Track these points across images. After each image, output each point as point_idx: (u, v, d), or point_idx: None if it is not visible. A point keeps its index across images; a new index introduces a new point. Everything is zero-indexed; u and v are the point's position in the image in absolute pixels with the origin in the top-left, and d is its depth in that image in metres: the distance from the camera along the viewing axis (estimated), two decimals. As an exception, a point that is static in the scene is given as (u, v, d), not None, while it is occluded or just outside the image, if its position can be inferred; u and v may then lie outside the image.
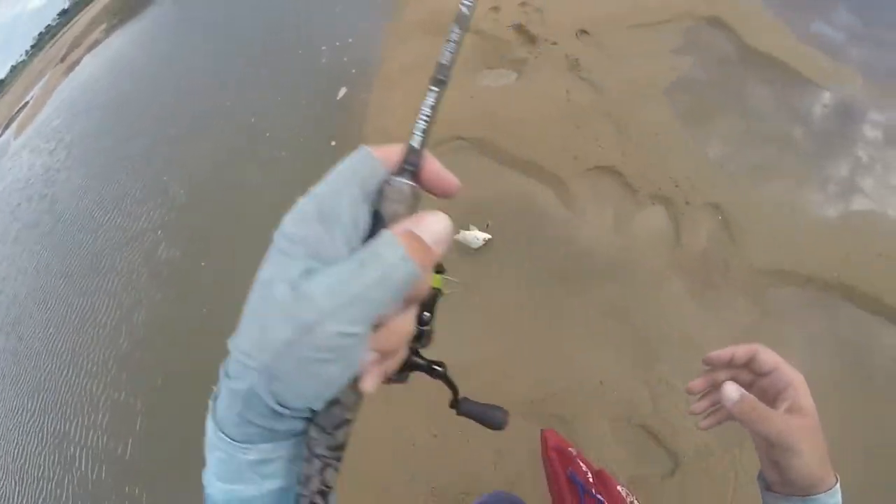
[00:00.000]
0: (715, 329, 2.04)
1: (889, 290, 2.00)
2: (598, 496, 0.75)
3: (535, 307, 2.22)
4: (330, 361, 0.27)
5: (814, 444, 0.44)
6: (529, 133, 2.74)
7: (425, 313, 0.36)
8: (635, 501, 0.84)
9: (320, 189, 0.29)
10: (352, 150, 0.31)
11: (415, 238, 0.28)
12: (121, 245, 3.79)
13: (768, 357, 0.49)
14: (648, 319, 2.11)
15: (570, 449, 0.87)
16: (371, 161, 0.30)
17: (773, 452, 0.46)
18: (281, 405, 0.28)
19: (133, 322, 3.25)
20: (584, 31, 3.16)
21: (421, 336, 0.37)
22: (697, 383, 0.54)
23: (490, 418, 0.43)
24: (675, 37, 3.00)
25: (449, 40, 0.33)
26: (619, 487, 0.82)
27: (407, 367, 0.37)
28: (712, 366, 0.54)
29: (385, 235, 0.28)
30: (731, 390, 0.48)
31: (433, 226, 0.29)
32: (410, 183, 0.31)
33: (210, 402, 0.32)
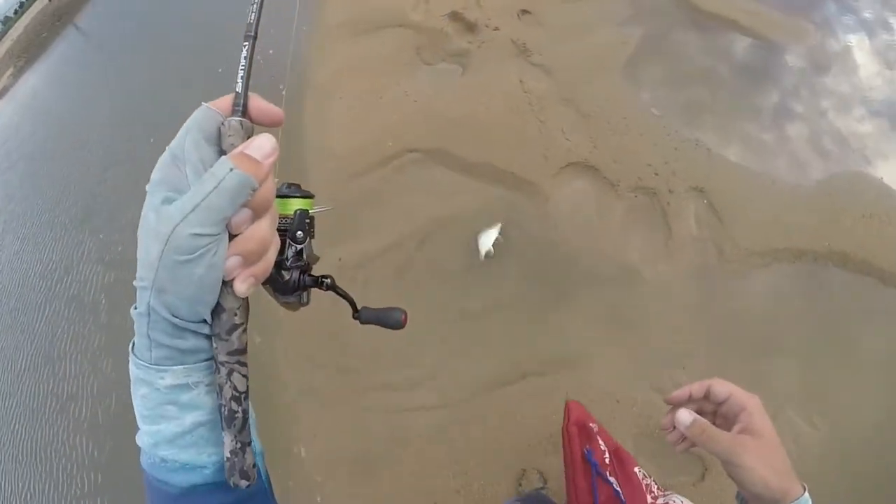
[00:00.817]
0: (720, 318, 1.96)
1: (877, 252, 1.98)
2: (612, 479, 0.74)
3: (534, 321, 2.04)
4: (193, 262, 0.33)
5: (766, 460, 0.47)
6: (489, 134, 2.48)
7: (298, 232, 0.43)
8: (652, 484, 0.82)
9: (173, 142, 0.35)
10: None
11: (243, 155, 0.35)
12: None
13: (722, 388, 0.53)
14: (651, 320, 1.98)
15: (591, 424, 0.86)
16: (207, 111, 0.37)
17: (728, 469, 0.50)
18: (175, 316, 0.34)
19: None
20: (525, 11, 2.90)
21: (301, 254, 0.44)
22: (665, 421, 0.58)
23: (389, 319, 0.47)
24: (621, 6, 2.81)
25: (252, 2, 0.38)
26: (636, 469, 0.81)
27: (299, 286, 0.44)
28: (674, 405, 0.57)
29: (220, 159, 0.35)
30: (684, 416, 0.54)
31: (259, 142, 0.36)
32: (239, 118, 0.37)
33: (129, 348, 0.37)
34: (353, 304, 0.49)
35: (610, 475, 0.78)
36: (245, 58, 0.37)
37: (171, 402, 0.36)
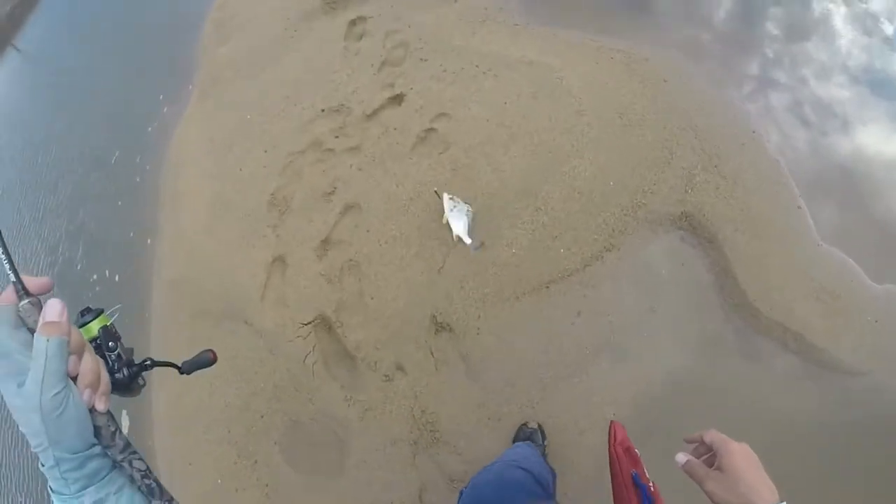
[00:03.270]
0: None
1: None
2: None
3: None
4: (65, 411, 0.44)
5: (726, 489, 0.66)
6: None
7: (109, 343, 0.53)
8: None
9: None
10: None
11: (46, 324, 0.45)
12: None
13: (712, 436, 0.73)
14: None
15: (635, 451, 0.89)
16: (1, 310, 0.46)
17: (705, 493, 0.69)
18: (75, 453, 0.46)
19: None
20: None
21: (120, 356, 0.53)
22: (679, 457, 0.75)
23: (204, 362, 0.60)
24: None
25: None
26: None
27: (132, 378, 0.54)
28: (689, 442, 0.79)
29: (35, 336, 0.45)
30: (680, 457, 0.74)
31: (50, 309, 0.46)
32: (26, 300, 0.46)
33: (49, 491, 0.47)
34: (174, 366, 0.60)
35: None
36: (3, 253, 0.47)
37: None
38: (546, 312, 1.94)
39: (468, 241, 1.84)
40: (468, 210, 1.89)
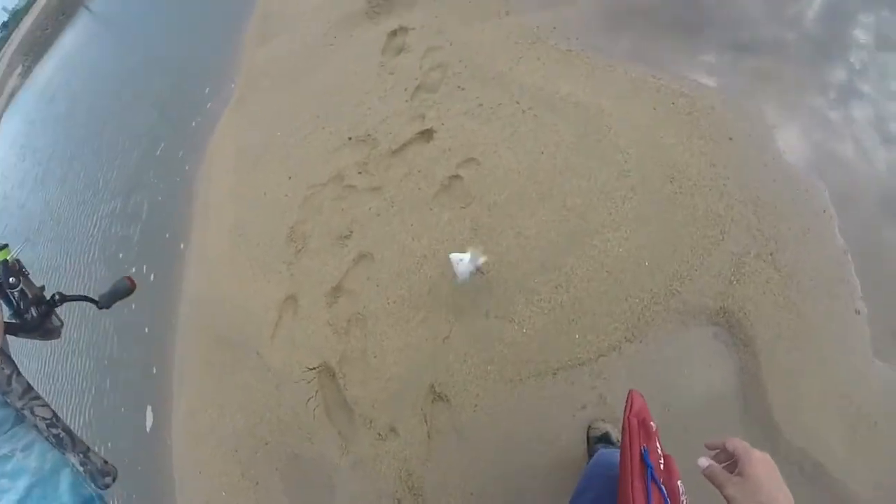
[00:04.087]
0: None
1: None
2: (663, 488, 0.77)
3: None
4: None
5: (746, 495, 0.67)
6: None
7: (10, 279, 0.50)
8: (685, 501, 0.85)
9: None
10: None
11: None
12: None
13: (734, 443, 0.74)
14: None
15: (651, 423, 0.85)
16: None
17: (728, 501, 0.68)
18: None
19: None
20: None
21: (25, 293, 0.50)
22: (702, 461, 0.74)
23: (122, 290, 0.59)
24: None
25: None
26: (678, 482, 0.82)
27: (42, 317, 0.51)
28: (710, 448, 0.79)
29: None
30: (702, 461, 0.74)
31: None
32: None
33: None
34: (90, 300, 0.58)
35: (662, 483, 0.80)
36: None
37: (1, 476, 0.41)
38: (549, 400, 1.84)
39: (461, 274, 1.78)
40: (479, 260, 1.81)
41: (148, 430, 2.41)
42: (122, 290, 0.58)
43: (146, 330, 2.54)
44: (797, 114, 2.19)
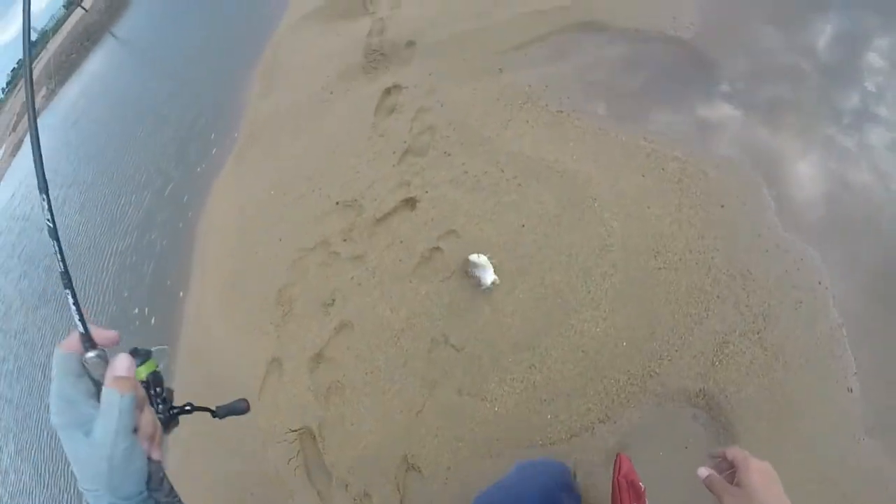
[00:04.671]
0: None
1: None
2: None
3: None
4: (132, 463, 0.47)
5: (742, 503, 0.69)
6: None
7: (157, 388, 0.55)
8: None
9: (53, 389, 0.47)
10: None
11: (119, 379, 0.47)
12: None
13: (734, 452, 0.76)
14: None
15: (639, 483, 0.89)
16: (66, 357, 0.48)
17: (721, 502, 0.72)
18: (126, 499, 0.48)
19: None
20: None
21: (165, 401, 0.56)
22: (701, 471, 0.78)
23: (239, 409, 0.63)
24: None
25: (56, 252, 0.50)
26: None
27: (170, 420, 0.57)
28: (712, 457, 0.82)
29: (106, 390, 0.47)
30: (702, 471, 0.77)
31: (120, 364, 0.48)
32: (94, 353, 0.49)
33: None
34: (209, 410, 0.63)
35: None
36: (74, 303, 0.48)
37: None
38: (519, 480, 1.86)
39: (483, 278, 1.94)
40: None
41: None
42: (239, 409, 0.63)
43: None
44: (794, 178, 2.14)
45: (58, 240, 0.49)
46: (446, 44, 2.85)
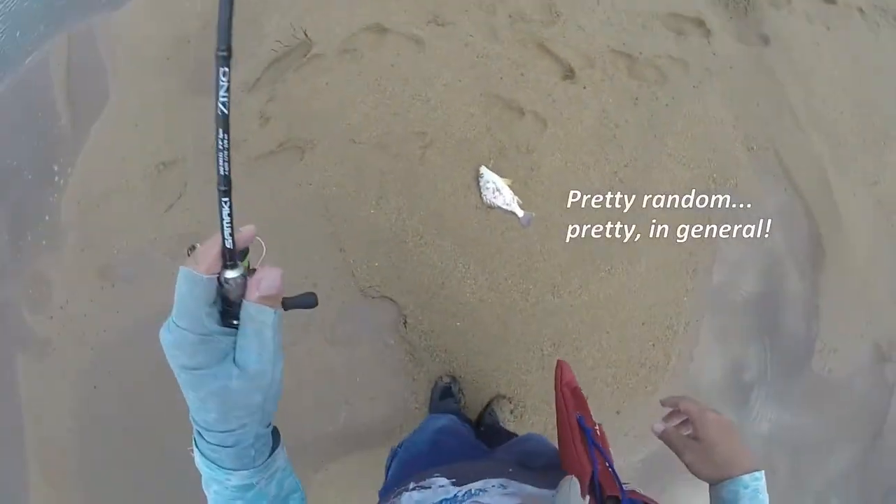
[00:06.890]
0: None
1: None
2: (604, 451, 0.75)
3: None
4: (282, 383, 0.43)
5: (701, 457, 0.67)
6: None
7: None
8: (610, 468, 0.81)
9: (185, 324, 0.37)
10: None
11: (266, 298, 0.39)
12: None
13: (686, 405, 0.73)
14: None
15: (582, 392, 0.86)
16: (204, 282, 0.37)
17: (687, 467, 0.69)
18: (269, 425, 0.46)
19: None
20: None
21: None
22: (656, 427, 0.76)
23: (307, 302, 0.52)
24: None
25: (220, 149, 0.35)
26: (610, 449, 0.81)
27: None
28: (665, 406, 0.79)
29: (258, 308, 0.39)
30: (657, 426, 0.74)
31: (272, 281, 0.40)
32: (235, 274, 0.39)
33: (193, 446, 0.44)
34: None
35: (602, 447, 0.79)
36: (228, 214, 0.37)
37: (239, 498, 0.45)
38: None
39: (521, 212, 1.74)
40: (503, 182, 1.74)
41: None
42: (308, 302, 0.54)
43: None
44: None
45: (228, 132, 0.35)
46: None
